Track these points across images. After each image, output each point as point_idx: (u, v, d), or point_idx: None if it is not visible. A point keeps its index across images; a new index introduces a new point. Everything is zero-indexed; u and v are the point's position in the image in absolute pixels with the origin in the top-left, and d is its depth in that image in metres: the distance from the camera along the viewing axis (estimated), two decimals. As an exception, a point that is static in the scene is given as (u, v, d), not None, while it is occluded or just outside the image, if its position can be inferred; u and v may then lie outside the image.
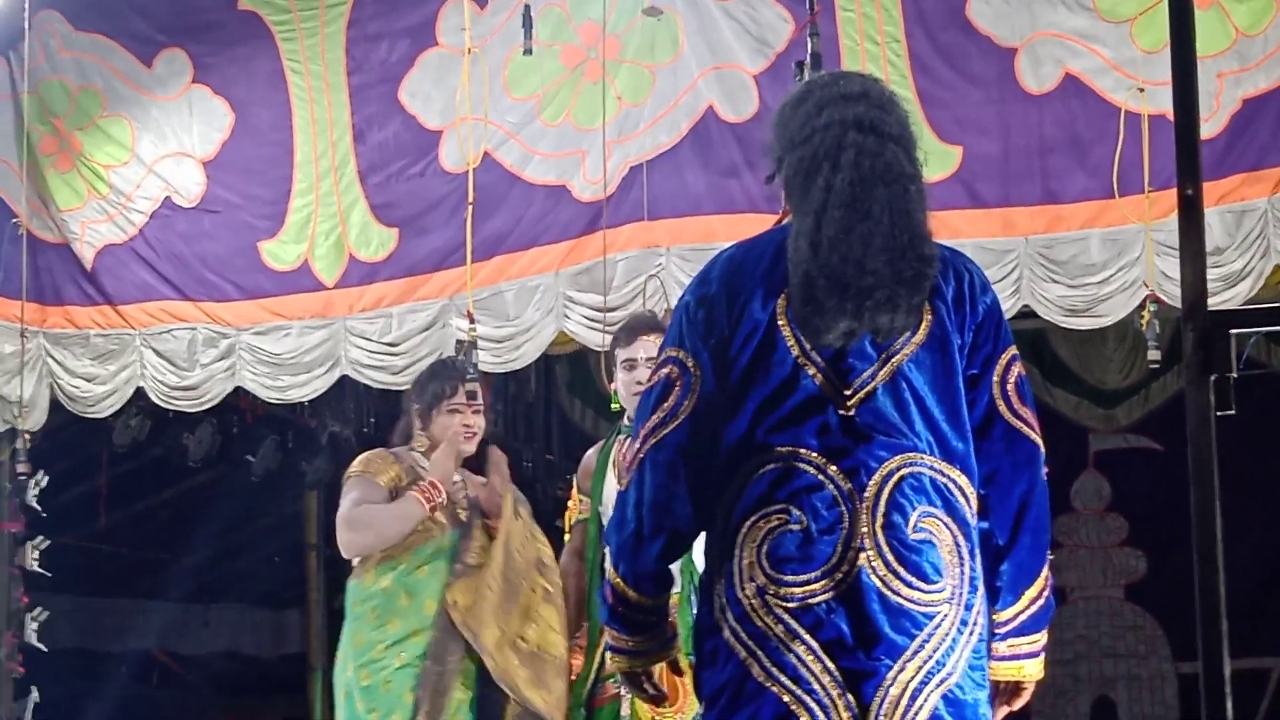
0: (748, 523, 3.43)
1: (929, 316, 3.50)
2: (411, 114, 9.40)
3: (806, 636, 3.36)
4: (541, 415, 13.96)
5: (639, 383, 6.17)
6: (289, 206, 9.58)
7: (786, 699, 3.36)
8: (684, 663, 5.86)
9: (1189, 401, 2.77)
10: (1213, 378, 2.72)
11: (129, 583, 13.79)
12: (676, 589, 5.95)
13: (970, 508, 3.51)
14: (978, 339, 3.56)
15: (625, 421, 6.24)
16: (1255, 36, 8.09)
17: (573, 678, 6.19)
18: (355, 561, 6.11)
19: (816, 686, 3.35)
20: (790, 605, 3.38)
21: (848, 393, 3.45)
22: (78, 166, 9.92)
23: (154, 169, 9.80)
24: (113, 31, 9.89)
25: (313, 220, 9.53)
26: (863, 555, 3.39)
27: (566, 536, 6.45)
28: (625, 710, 6.01)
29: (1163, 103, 7.84)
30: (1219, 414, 2.74)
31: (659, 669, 3.76)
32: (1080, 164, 8.35)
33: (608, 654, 3.68)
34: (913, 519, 3.43)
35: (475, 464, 6.33)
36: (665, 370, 3.54)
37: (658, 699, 3.87)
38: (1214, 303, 2.72)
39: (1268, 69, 8.09)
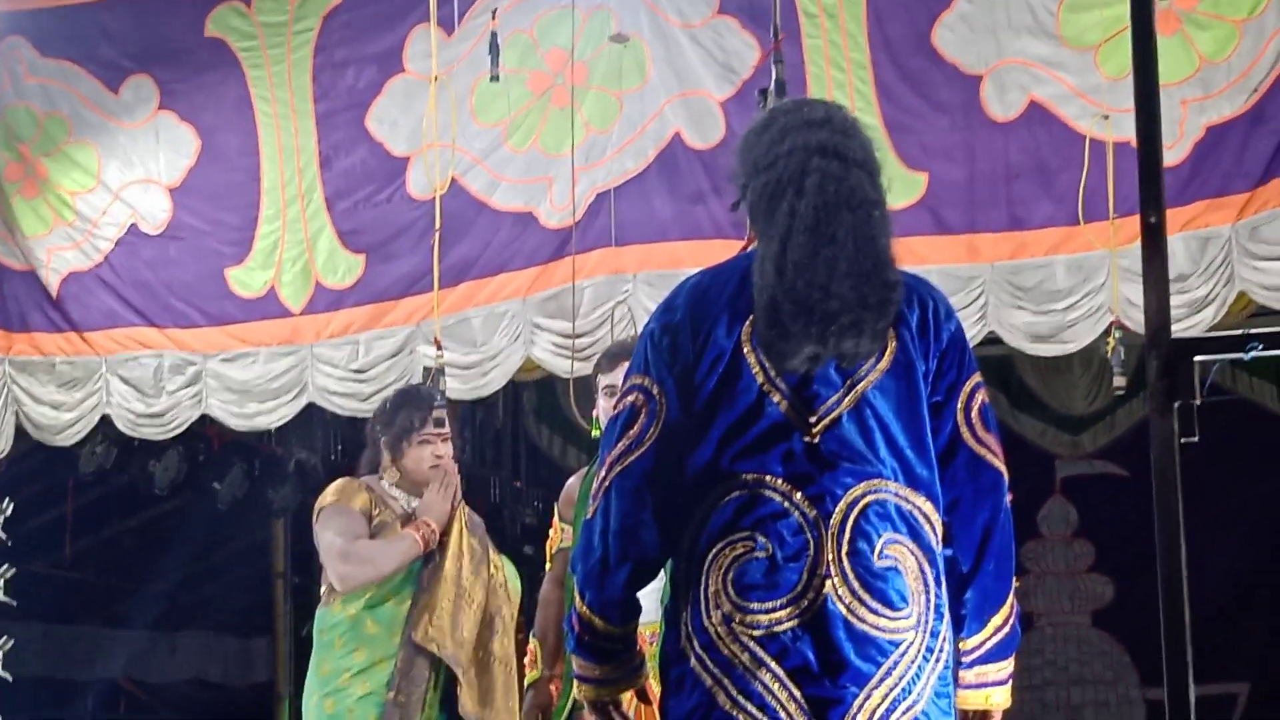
0: (713, 550, 3.43)
1: (893, 343, 3.49)
2: (378, 140, 9.39)
3: (772, 664, 3.36)
4: (509, 442, 13.94)
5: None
6: (256, 233, 9.57)
7: None
8: (654, 691, 5.89)
9: (1153, 428, 2.78)
10: (1177, 405, 2.73)
11: (95, 610, 13.73)
12: (652, 618, 5.98)
13: (935, 534, 3.51)
14: (942, 365, 3.56)
15: None
16: (1219, 64, 8.13)
17: (553, 706, 6.18)
18: (323, 589, 6.09)
19: (783, 714, 3.35)
20: (756, 633, 3.37)
21: (813, 419, 3.45)
22: (44, 193, 9.89)
23: (120, 195, 9.78)
24: (79, 57, 9.87)
25: (279, 247, 9.51)
26: (828, 582, 3.38)
27: (548, 565, 6.44)
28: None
29: (1127, 129, 7.87)
30: (1183, 440, 2.74)
31: (627, 698, 3.75)
32: (1045, 190, 8.37)
33: (578, 685, 3.65)
34: (878, 546, 3.43)
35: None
36: (630, 398, 3.53)
37: None
38: (1178, 329, 2.73)
39: (1231, 96, 8.13)
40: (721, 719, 3.39)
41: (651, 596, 5.97)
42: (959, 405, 3.58)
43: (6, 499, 10.11)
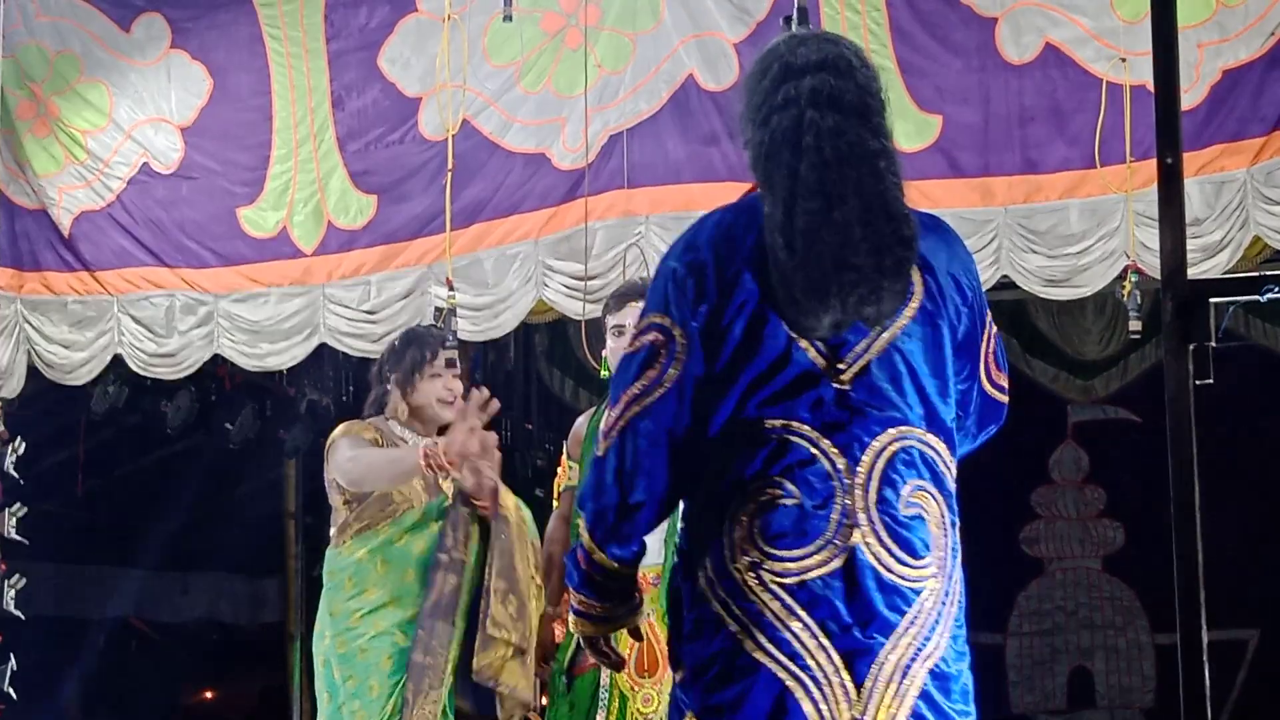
0: (738, 496, 3.39)
1: (919, 288, 3.45)
2: (391, 81, 9.37)
3: (802, 613, 3.32)
4: (520, 384, 13.94)
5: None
6: (267, 173, 9.55)
7: (782, 675, 3.32)
8: (653, 629, 5.92)
9: (1167, 369, 2.76)
10: (1191, 346, 2.71)
11: (107, 550, 13.77)
12: (655, 560, 5.99)
13: (951, 477, 3.50)
14: (965, 311, 3.53)
15: None
16: (1235, 7, 8.09)
17: (556, 644, 6.19)
18: (334, 530, 6.09)
19: (812, 664, 3.32)
20: (786, 581, 3.33)
21: (841, 366, 3.40)
22: (55, 132, 9.88)
23: (132, 135, 9.77)
24: (90, -5, 9.85)
25: (291, 187, 9.50)
26: (857, 531, 3.35)
27: (555, 503, 6.45)
28: (605, 679, 6.02)
29: (1143, 73, 7.84)
30: (1198, 383, 2.73)
31: (621, 634, 3.75)
32: (1060, 134, 8.34)
33: (576, 620, 3.63)
34: (904, 494, 3.40)
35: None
36: (649, 337, 3.46)
37: (617, 664, 3.86)
38: (1193, 274, 2.71)
39: (1248, 40, 8.09)
40: (747, 664, 3.35)
41: (655, 538, 6.01)
42: (980, 350, 3.58)
43: (19, 438, 10.13)
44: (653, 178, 8.89)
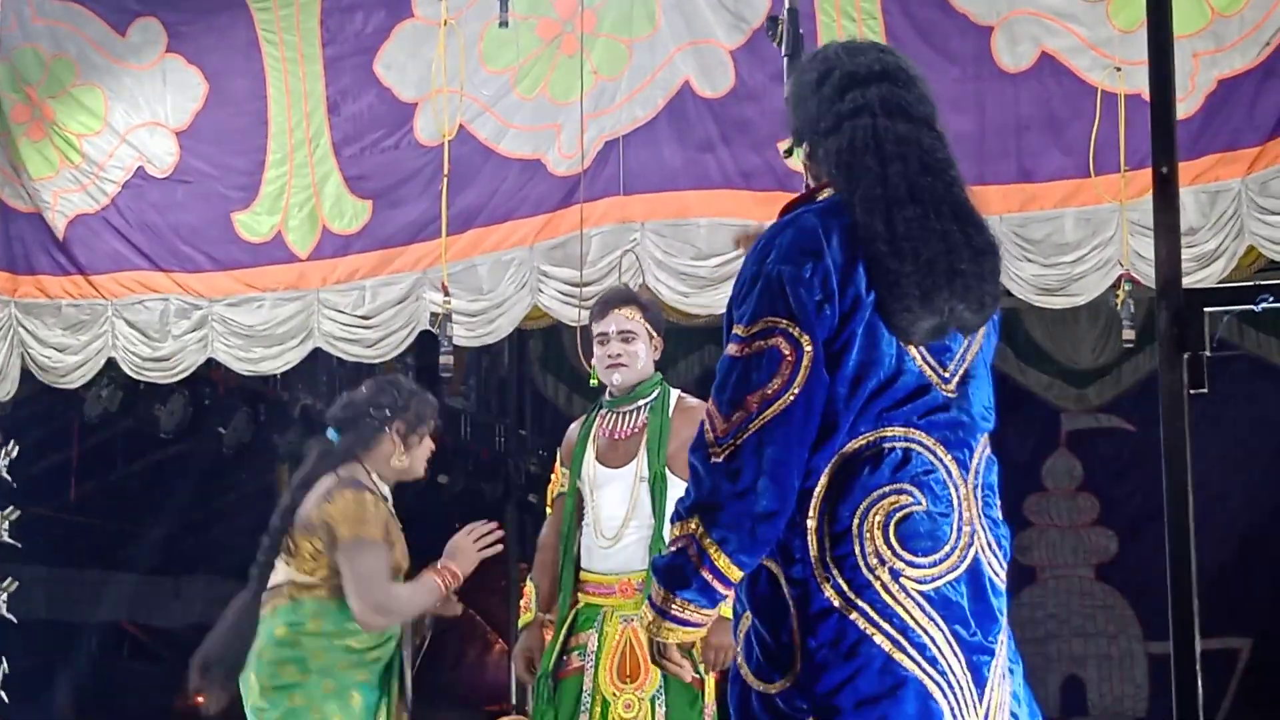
0: (865, 505, 3.38)
1: None
2: (386, 86, 9.37)
3: (939, 619, 3.36)
4: (514, 390, 13.96)
5: (610, 356, 6.16)
6: (263, 178, 9.56)
7: (926, 681, 3.34)
8: (635, 635, 5.94)
9: (1162, 378, 2.77)
10: (1186, 356, 2.72)
11: (100, 554, 13.76)
12: (641, 566, 6.00)
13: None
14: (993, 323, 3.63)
15: (606, 396, 6.23)
16: (1231, 17, 8.09)
17: (542, 650, 6.21)
18: (311, 582, 5.83)
19: (946, 668, 3.35)
20: (924, 588, 3.36)
21: (946, 374, 3.46)
22: (50, 135, 9.88)
23: (127, 138, 9.77)
24: None
25: (286, 192, 9.50)
26: (975, 537, 3.43)
27: (548, 510, 6.45)
28: (588, 684, 6.04)
29: (1138, 82, 7.85)
30: (1192, 392, 2.73)
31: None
32: (1055, 142, 8.35)
33: (662, 626, 3.51)
34: (995, 500, 3.51)
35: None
36: (774, 341, 3.39)
37: (689, 672, 3.79)
38: (1188, 283, 2.71)
39: (1243, 49, 8.10)
40: (897, 672, 3.33)
41: (638, 544, 6.02)
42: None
43: (12, 441, 10.13)
44: (648, 184, 8.89)
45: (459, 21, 8.97)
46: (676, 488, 5.91)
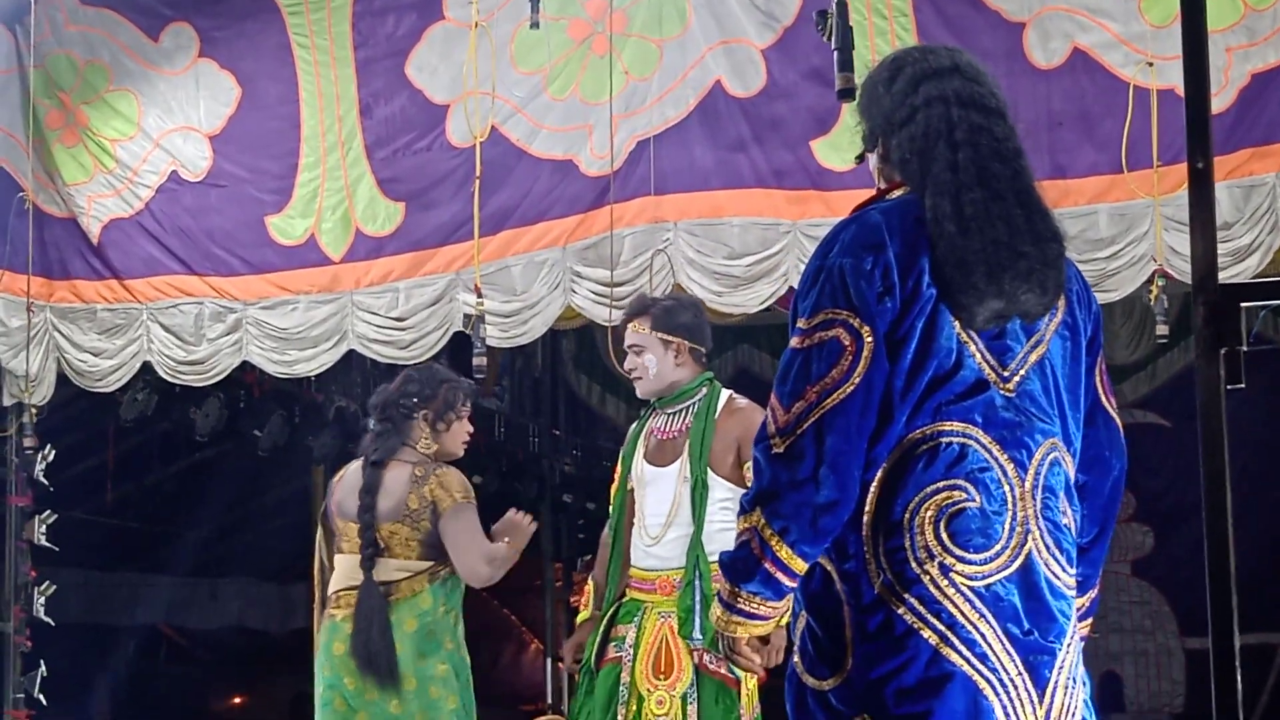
0: (918, 500, 3.39)
1: (1063, 302, 3.55)
2: (418, 88, 9.39)
3: (990, 616, 3.36)
4: (548, 390, 13.97)
5: (627, 371, 6.36)
6: (296, 181, 9.59)
7: (976, 678, 3.34)
8: (672, 631, 5.98)
9: (1199, 374, 2.75)
10: (1223, 351, 2.71)
11: (136, 557, 13.82)
12: (680, 564, 6.01)
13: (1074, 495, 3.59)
14: (1091, 328, 3.65)
15: (654, 399, 6.33)
16: (1264, 11, 8.07)
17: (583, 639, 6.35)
18: (409, 563, 6.19)
19: (998, 666, 3.35)
20: (974, 584, 3.37)
21: (1006, 374, 3.46)
22: (84, 141, 9.93)
23: (160, 143, 9.81)
24: (119, 5, 9.89)
25: (319, 195, 9.53)
26: (1030, 537, 3.42)
27: (610, 508, 6.53)
28: (625, 677, 6.08)
29: (1171, 77, 7.84)
30: (1229, 387, 2.72)
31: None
32: (1088, 139, 8.33)
33: (730, 620, 3.51)
34: (1057, 504, 3.49)
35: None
36: (834, 332, 3.41)
37: (758, 670, 3.79)
38: (1223, 277, 2.69)
39: (1276, 44, 8.07)
40: (945, 668, 3.33)
41: (677, 542, 6.06)
42: (1098, 367, 3.68)
43: (48, 445, 10.17)
44: (680, 184, 8.89)
45: (490, 23, 8.98)
46: (718, 490, 6.00)
